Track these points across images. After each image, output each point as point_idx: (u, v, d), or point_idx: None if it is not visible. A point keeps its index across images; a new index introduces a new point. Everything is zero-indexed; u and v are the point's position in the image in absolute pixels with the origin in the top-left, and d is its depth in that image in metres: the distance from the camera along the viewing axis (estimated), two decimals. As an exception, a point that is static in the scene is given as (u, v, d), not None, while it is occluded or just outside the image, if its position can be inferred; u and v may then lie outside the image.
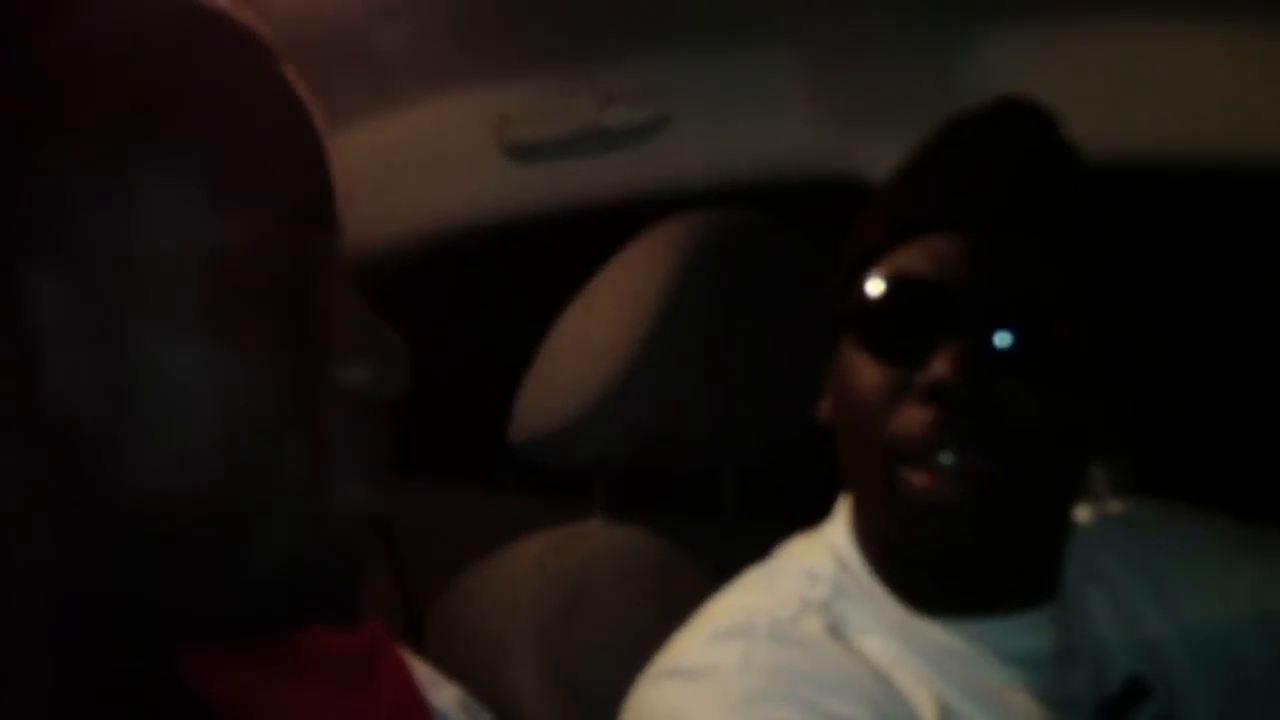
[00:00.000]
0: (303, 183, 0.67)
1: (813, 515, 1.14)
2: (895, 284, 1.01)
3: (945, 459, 0.96)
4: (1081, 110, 1.09)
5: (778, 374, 1.50)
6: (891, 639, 1.03)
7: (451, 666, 0.97)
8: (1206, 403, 1.75)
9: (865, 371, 1.00)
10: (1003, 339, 0.97)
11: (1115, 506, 1.14)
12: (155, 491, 0.62)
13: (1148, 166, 1.31)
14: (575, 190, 1.67)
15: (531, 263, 1.87)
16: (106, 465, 0.61)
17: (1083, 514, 1.12)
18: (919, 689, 1.01)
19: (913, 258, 1.00)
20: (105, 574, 0.63)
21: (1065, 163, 1.05)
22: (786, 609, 1.04)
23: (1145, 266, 1.03)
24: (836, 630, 1.03)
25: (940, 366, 0.95)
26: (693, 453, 1.54)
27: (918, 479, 0.96)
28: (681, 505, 1.13)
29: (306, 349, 0.65)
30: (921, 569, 1.02)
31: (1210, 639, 1.06)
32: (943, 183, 1.02)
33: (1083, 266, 1.00)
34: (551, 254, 1.74)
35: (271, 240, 0.64)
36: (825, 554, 1.09)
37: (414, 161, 1.74)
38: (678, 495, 1.18)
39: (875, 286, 1.02)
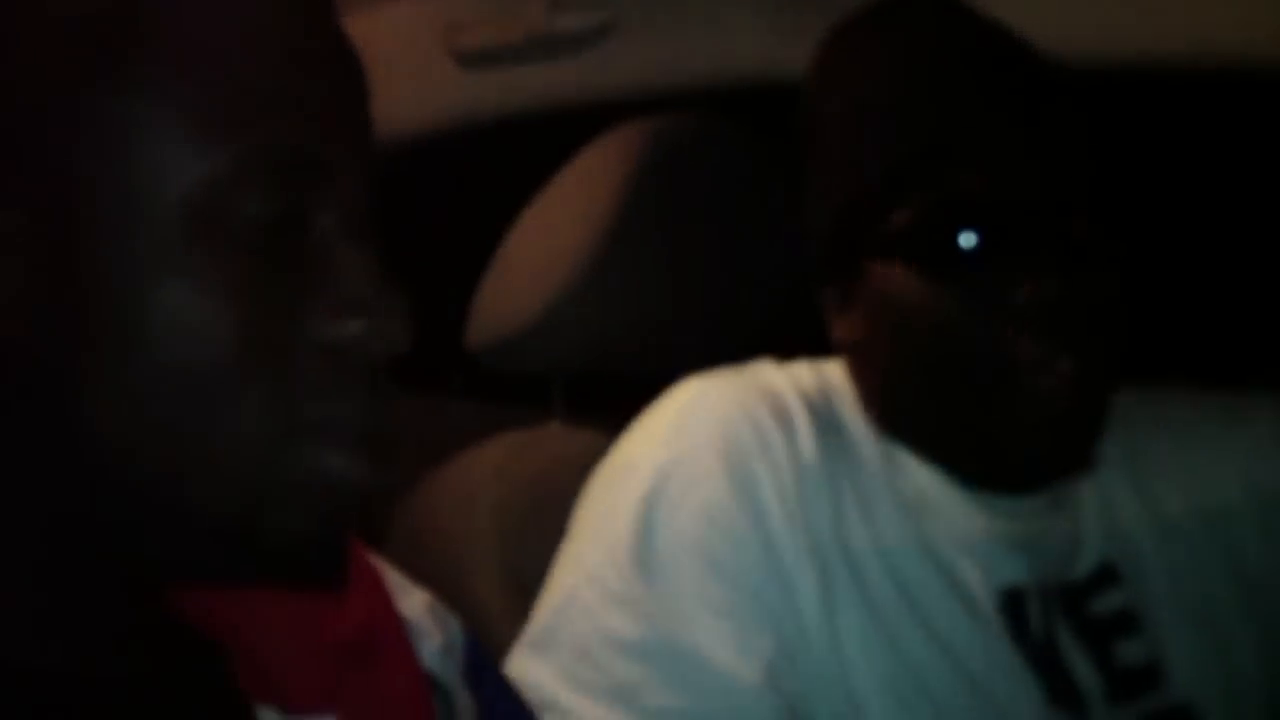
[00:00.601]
0: (288, 120, 0.63)
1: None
2: (958, 211, 1.00)
3: (1052, 370, 0.98)
4: (1018, 9, 1.10)
5: (732, 275, 1.51)
6: (870, 477, 1.05)
7: (412, 573, 0.98)
8: (1187, 289, 1.77)
9: (932, 296, 1.01)
10: (1066, 244, 0.99)
11: None
12: (106, 421, 0.61)
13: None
14: (528, 96, 1.66)
15: (485, 170, 1.86)
16: (58, 390, 0.61)
17: None
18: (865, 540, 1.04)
19: (953, 181, 1.01)
20: (73, 501, 0.63)
21: (1042, 63, 1.06)
22: (767, 376, 1.08)
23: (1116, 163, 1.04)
24: (824, 420, 1.05)
25: (1034, 285, 0.97)
26: (649, 356, 1.54)
27: (1026, 393, 0.98)
28: (638, 409, 1.14)
29: (278, 297, 0.63)
30: (1005, 463, 1.04)
31: (1191, 528, 1.09)
32: (947, 107, 1.02)
33: (1087, 158, 1.02)
34: (505, 161, 1.73)
35: (244, 179, 0.61)
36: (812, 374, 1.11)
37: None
38: (635, 399, 1.19)
39: (934, 217, 1.01)
